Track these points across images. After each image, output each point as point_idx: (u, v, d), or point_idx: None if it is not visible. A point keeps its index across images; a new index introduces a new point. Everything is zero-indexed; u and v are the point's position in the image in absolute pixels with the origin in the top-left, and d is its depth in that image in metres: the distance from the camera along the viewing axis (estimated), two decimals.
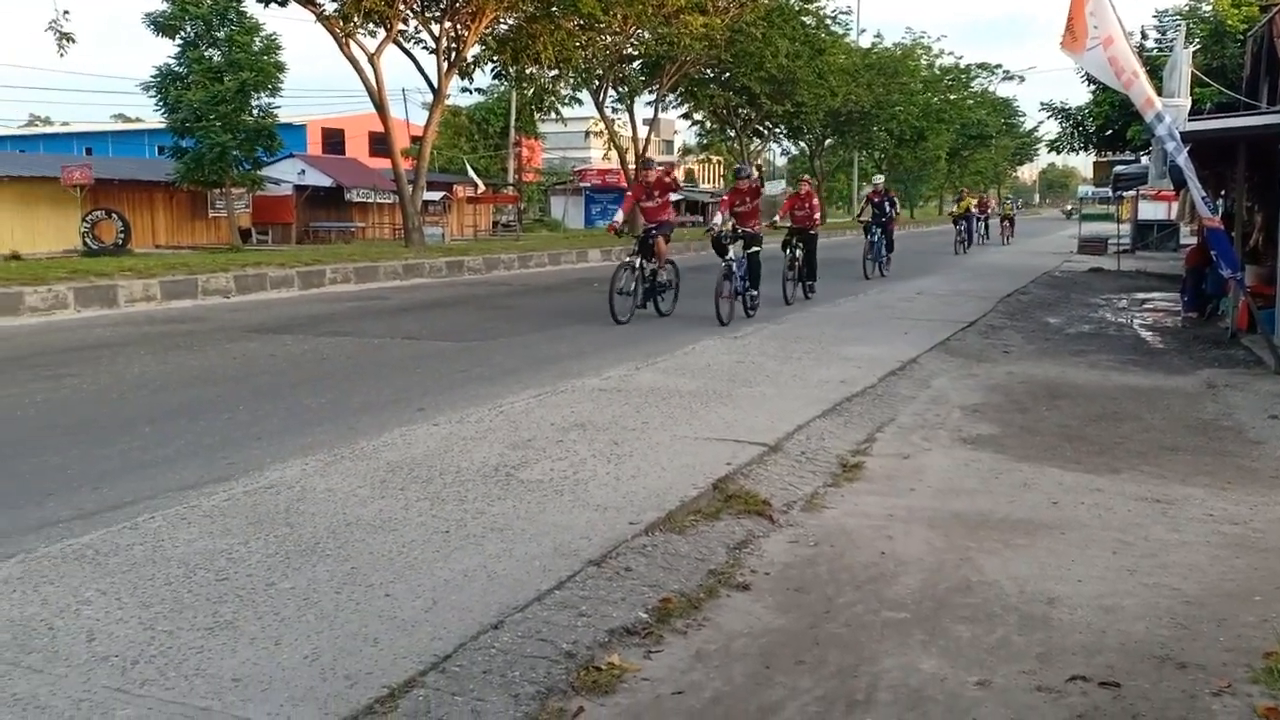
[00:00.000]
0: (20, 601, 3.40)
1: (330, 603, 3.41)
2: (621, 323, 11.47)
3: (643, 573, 3.79)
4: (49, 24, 15.32)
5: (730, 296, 11.89)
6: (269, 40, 29.53)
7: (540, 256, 23.13)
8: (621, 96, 36.80)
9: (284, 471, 5.06)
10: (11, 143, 53.06)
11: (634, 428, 6.07)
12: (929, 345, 10.04)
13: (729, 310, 11.82)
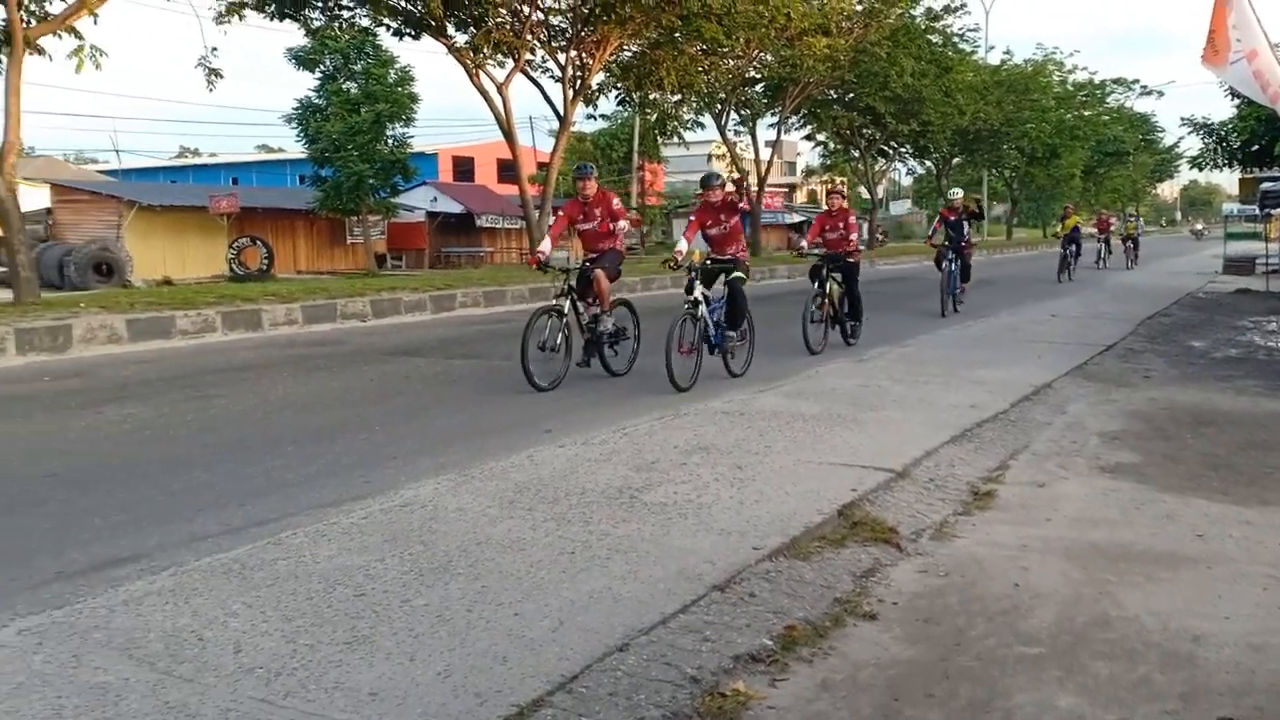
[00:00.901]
0: (173, 613, 3.58)
1: (462, 620, 3.50)
2: (544, 389, 8.51)
3: (767, 599, 3.77)
4: (199, 60, 16.21)
5: (691, 349, 8.79)
6: (403, 72, 30.57)
7: (662, 279, 23.24)
8: (744, 119, 36.86)
9: (418, 490, 5.21)
10: (164, 174, 56.19)
11: (757, 452, 6.05)
12: (1064, 369, 9.72)
13: (691, 370, 8.77)
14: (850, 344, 11.90)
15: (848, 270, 11.96)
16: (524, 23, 22.48)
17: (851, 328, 12.12)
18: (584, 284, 9.14)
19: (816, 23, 25.29)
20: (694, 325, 8.85)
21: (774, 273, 28.32)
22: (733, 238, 9.69)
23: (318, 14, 21.89)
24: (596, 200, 9.33)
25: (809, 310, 11.30)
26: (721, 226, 9.60)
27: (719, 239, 9.67)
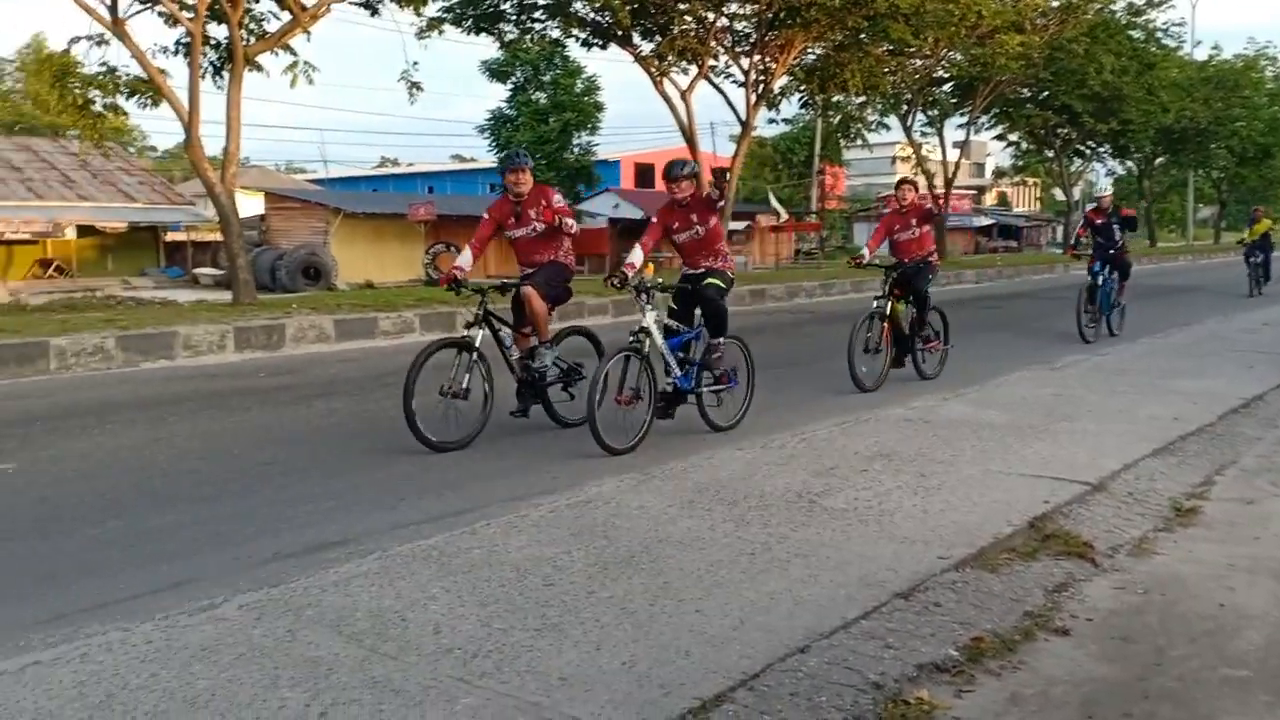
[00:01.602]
0: (378, 594, 3.81)
1: (645, 614, 3.59)
2: (443, 448, 6.51)
3: (953, 609, 3.70)
4: (401, 74, 17.06)
5: (634, 398, 6.62)
6: (589, 82, 31.36)
7: (843, 284, 22.98)
8: (931, 120, 35.92)
9: (600, 487, 5.36)
10: (365, 183, 59.34)
11: (942, 460, 5.92)
12: (1278, 381, 9.06)
13: (637, 427, 6.62)
14: (926, 376, 9.72)
15: (918, 281, 9.64)
16: (708, 29, 22.64)
17: (920, 355, 9.70)
18: (517, 308, 7.20)
19: (1009, 20, 24.40)
20: (638, 365, 6.66)
21: (960, 277, 27.51)
22: (709, 244, 7.33)
23: (511, 27, 22.72)
24: (532, 198, 7.09)
25: (857, 335, 8.99)
26: (693, 230, 7.25)
27: (691, 246, 7.31)
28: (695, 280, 7.24)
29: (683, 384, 6.98)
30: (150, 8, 15.02)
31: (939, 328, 9.92)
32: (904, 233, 9.85)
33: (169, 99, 14.73)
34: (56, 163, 31.98)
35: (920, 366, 9.72)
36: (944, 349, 9.98)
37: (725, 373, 7.24)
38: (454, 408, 6.62)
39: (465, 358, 6.73)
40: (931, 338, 9.84)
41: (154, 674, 3.10)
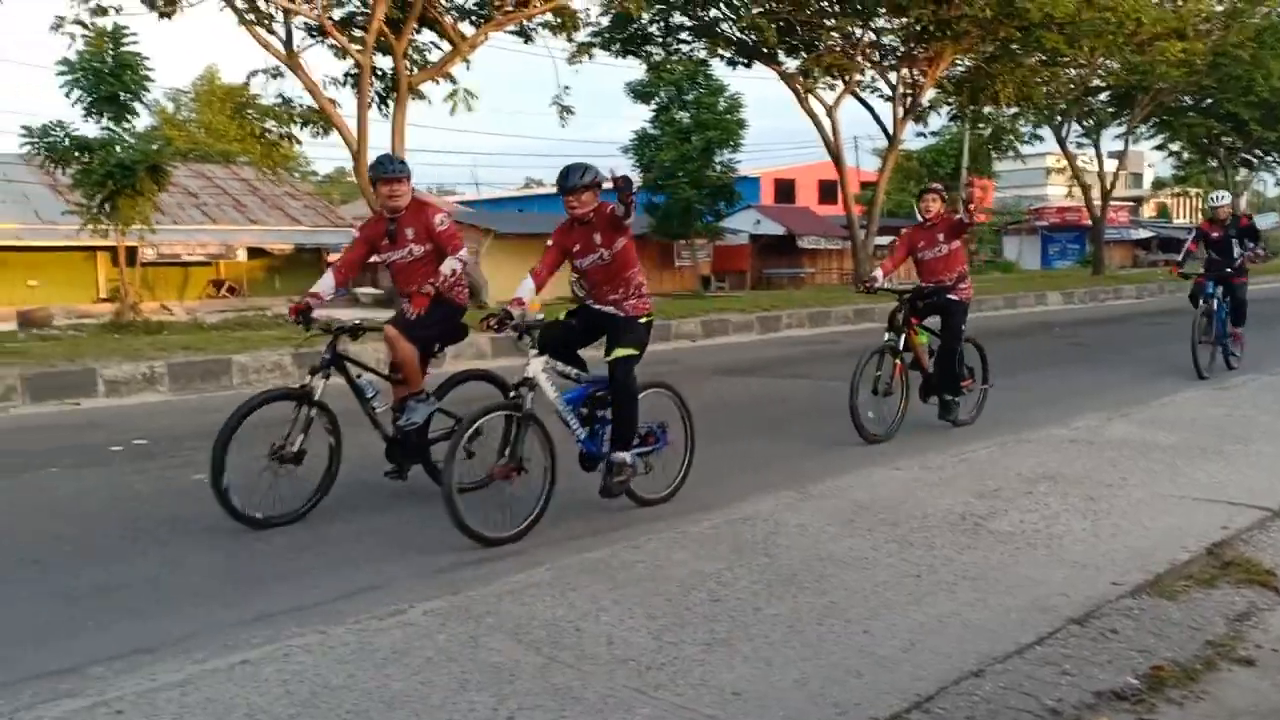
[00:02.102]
0: (552, 604, 3.97)
1: (813, 632, 3.64)
2: (264, 524, 5.36)
3: (1130, 636, 3.63)
4: (552, 100, 17.56)
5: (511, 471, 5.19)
6: (732, 100, 31.47)
7: (994, 299, 22.40)
8: (1086, 130, 34.68)
9: (758, 505, 5.43)
10: (512, 203, 60.88)
11: (1110, 483, 5.77)
12: None
13: (523, 512, 5.17)
14: (959, 422, 8.15)
15: (948, 315, 8.11)
16: (855, 45, 22.51)
17: (947, 403, 8.14)
18: None
19: (1170, 26, 23.42)
20: (521, 427, 5.24)
21: (1120, 293, 26.49)
22: (617, 274, 5.73)
23: (658, 49, 23.11)
24: (411, 216, 5.91)
25: (862, 375, 7.53)
26: (597, 255, 5.69)
27: (595, 275, 5.72)
28: (595, 318, 5.83)
29: (589, 448, 5.62)
30: (321, 41, 15.92)
31: (973, 364, 8.40)
32: (929, 250, 8.23)
33: (339, 127, 15.56)
34: (228, 188, 33.99)
35: (949, 409, 8.14)
36: (982, 389, 8.49)
37: (651, 431, 5.87)
38: (284, 473, 5.45)
39: (303, 412, 5.55)
40: (965, 375, 8.25)
41: (351, 674, 3.32)
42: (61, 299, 27.03)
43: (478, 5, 17.20)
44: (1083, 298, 25.05)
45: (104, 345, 11.83)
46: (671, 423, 6.07)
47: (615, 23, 21.38)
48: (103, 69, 14.78)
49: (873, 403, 7.62)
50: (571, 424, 5.58)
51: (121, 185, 15.85)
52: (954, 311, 8.10)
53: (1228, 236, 11.22)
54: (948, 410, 8.12)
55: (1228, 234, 11.23)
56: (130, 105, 15.44)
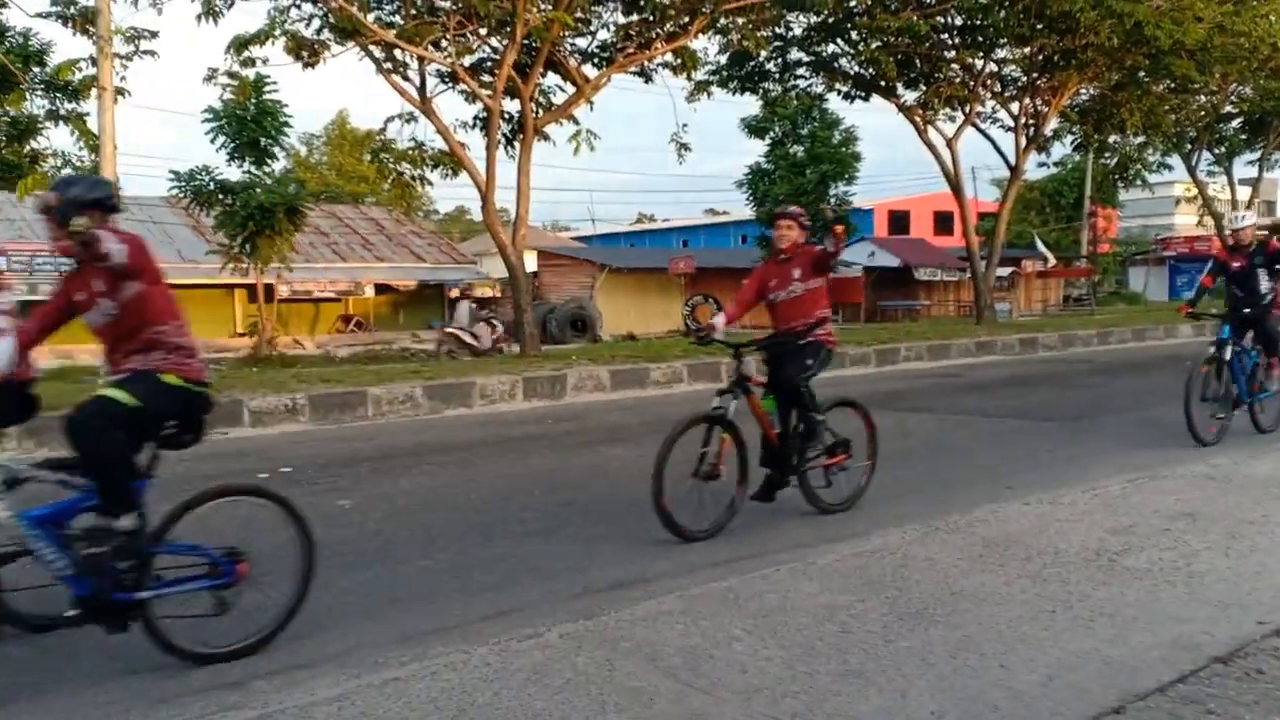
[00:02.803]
0: (683, 631, 4.06)
1: (947, 665, 3.65)
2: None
3: (1277, 676, 3.54)
4: (671, 137, 17.85)
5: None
6: (847, 133, 31.43)
7: (1122, 332, 21.73)
8: (1217, 158, 33.44)
9: (885, 538, 5.43)
10: (624, 239, 61.69)
11: (1253, 521, 5.60)
12: None
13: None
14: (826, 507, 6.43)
15: (793, 363, 6.22)
16: (975, 77, 22.27)
17: (812, 476, 6.35)
18: None
19: None
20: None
21: None
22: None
23: (774, 84, 23.26)
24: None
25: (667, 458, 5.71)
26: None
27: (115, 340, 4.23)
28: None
29: None
30: (453, 87, 16.55)
31: (847, 435, 6.52)
32: (781, 290, 6.33)
33: (468, 169, 16.13)
34: (357, 227, 35.32)
35: (812, 493, 6.36)
36: (865, 467, 6.64)
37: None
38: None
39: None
40: (838, 451, 6.42)
41: (496, 693, 3.47)
42: (201, 334, 27.88)
43: (601, 49, 17.65)
44: (1215, 330, 24.04)
45: (246, 378, 12.45)
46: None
47: (733, 61, 21.61)
48: (245, 116, 15.64)
49: (694, 493, 5.83)
50: None
51: (261, 226, 16.71)
52: (804, 356, 6.21)
53: (1252, 266, 8.87)
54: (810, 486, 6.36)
55: (1252, 263, 8.87)
56: (270, 150, 16.29)
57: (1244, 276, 8.95)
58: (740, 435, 6.04)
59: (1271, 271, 8.87)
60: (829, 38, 21.78)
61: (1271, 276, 8.89)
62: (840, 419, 6.54)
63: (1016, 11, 19.61)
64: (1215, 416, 8.60)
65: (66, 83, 15.32)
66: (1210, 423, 8.55)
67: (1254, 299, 8.88)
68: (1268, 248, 8.97)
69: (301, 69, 15.41)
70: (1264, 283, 8.87)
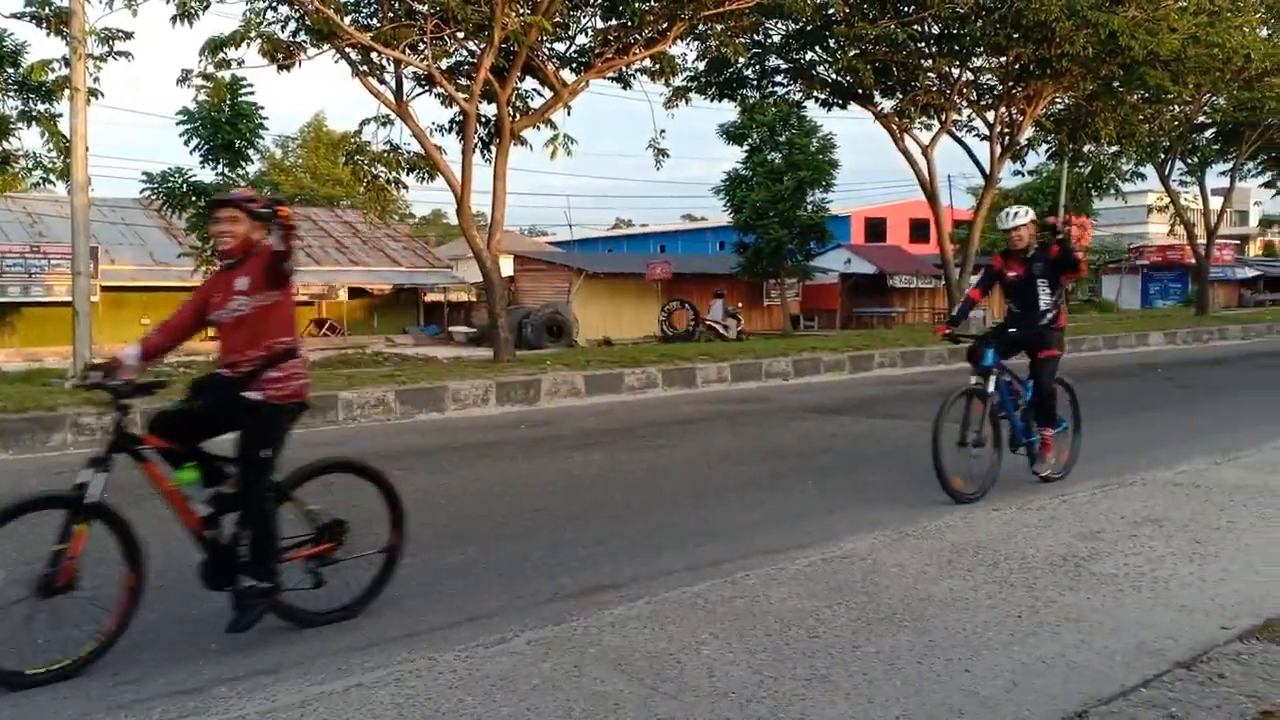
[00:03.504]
0: (652, 637, 4.05)
1: (913, 671, 3.66)
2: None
3: (1238, 681, 3.56)
4: (649, 143, 17.81)
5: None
6: (824, 140, 31.57)
7: (1094, 340, 21.90)
8: (1190, 168, 33.80)
9: (856, 544, 5.44)
10: (602, 244, 61.70)
11: (1218, 527, 5.65)
12: None
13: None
14: None
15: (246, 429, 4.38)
16: (952, 85, 22.42)
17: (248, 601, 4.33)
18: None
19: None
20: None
21: (1225, 333, 25.68)
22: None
23: (752, 91, 23.35)
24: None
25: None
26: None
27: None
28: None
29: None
30: (429, 90, 16.48)
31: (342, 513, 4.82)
32: (222, 309, 4.44)
33: (444, 173, 16.06)
34: (331, 230, 35.15)
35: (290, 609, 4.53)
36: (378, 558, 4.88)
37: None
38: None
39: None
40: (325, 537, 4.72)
41: (461, 699, 3.44)
42: None
43: (579, 53, 17.63)
44: (1186, 338, 24.32)
45: None
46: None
47: (711, 67, 21.64)
48: (220, 118, 15.51)
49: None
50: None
51: None
52: (252, 428, 4.36)
53: (1031, 275, 7.30)
54: None
55: (1030, 271, 7.29)
56: (244, 152, 16.14)
57: (1021, 287, 7.40)
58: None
59: (1054, 282, 7.36)
60: (807, 45, 21.86)
61: (1053, 288, 7.38)
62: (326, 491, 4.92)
63: (993, 21, 19.73)
64: (975, 450, 6.94)
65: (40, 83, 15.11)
66: (970, 472, 6.92)
67: (1031, 315, 7.35)
68: (1049, 253, 7.30)
69: (277, 71, 15.32)
70: (1044, 296, 7.33)
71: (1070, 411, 7.75)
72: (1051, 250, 7.33)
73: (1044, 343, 7.35)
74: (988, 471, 7.04)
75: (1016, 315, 7.48)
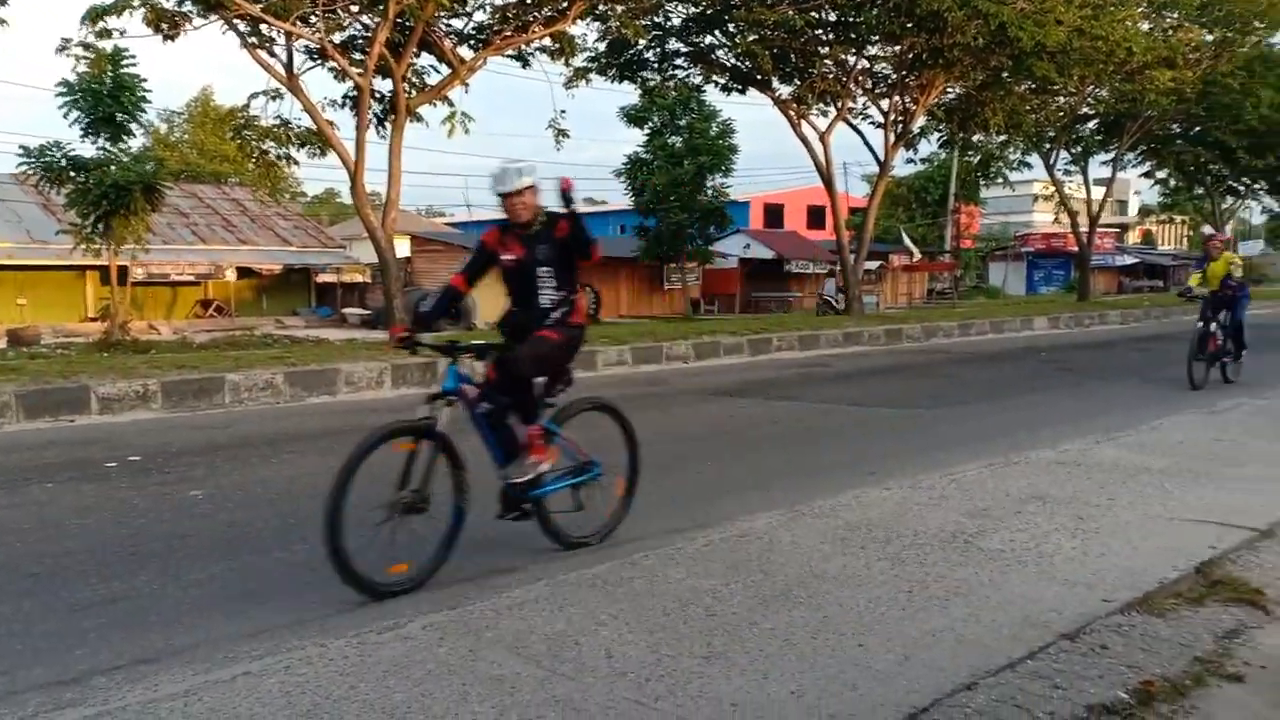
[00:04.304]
0: (550, 619, 4.01)
1: (808, 646, 3.69)
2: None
3: (1120, 652, 3.69)
4: (549, 123, 17.67)
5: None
6: (724, 125, 31.81)
7: (981, 324, 22.57)
8: (1075, 158, 35.05)
9: (753, 523, 5.48)
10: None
11: (1098, 504, 5.85)
12: None
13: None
14: None
15: None
16: (848, 73, 22.77)
17: None
18: None
19: (1160, 55, 23.71)
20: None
21: (1105, 318, 26.75)
22: None
23: (653, 74, 23.36)
24: None
25: None
26: None
27: None
28: None
29: None
30: (322, 64, 16.05)
31: None
32: None
33: (337, 149, 15.67)
34: (219, 208, 34.06)
35: None
36: None
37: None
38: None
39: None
40: None
41: (353, 686, 3.35)
42: (50, 318, 27.01)
43: (477, 30, 17.36)
44: (1068, 323, 25.25)
45: (96, 363, 11.84)
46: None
47: (612, 48, 21.57)
48: (101, 90, 14.88)
49: None
50: None
51: (116, 205, 15.93)
52: None
53: (534, 259, 5.26)
54: None
55: (533, 253, 5.26)
56: (127, 126, 15.54)
57: (520, 274, 5.30)
58: None
59: (565, 270, 5.30)
60: (707, 29, 21.95)
61: (564, 279, 5.30)
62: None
63: (887, 9, 20.09)
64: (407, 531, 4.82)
65: None
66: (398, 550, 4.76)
67: (531, 312, 5.27)
68: (556, 232, 5.24)
69: (162, 42, 14.73)
70: (548, 290, 5.27)
71: (626, 452, 5.71)
72: (559, 229, 5.20)
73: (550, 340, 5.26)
74: (434, 551, 4.82)
75: (514, 312, 5.39)
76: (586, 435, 5.60)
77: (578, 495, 5.44)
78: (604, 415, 5.75)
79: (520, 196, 5.26)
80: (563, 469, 5.40)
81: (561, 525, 5.40)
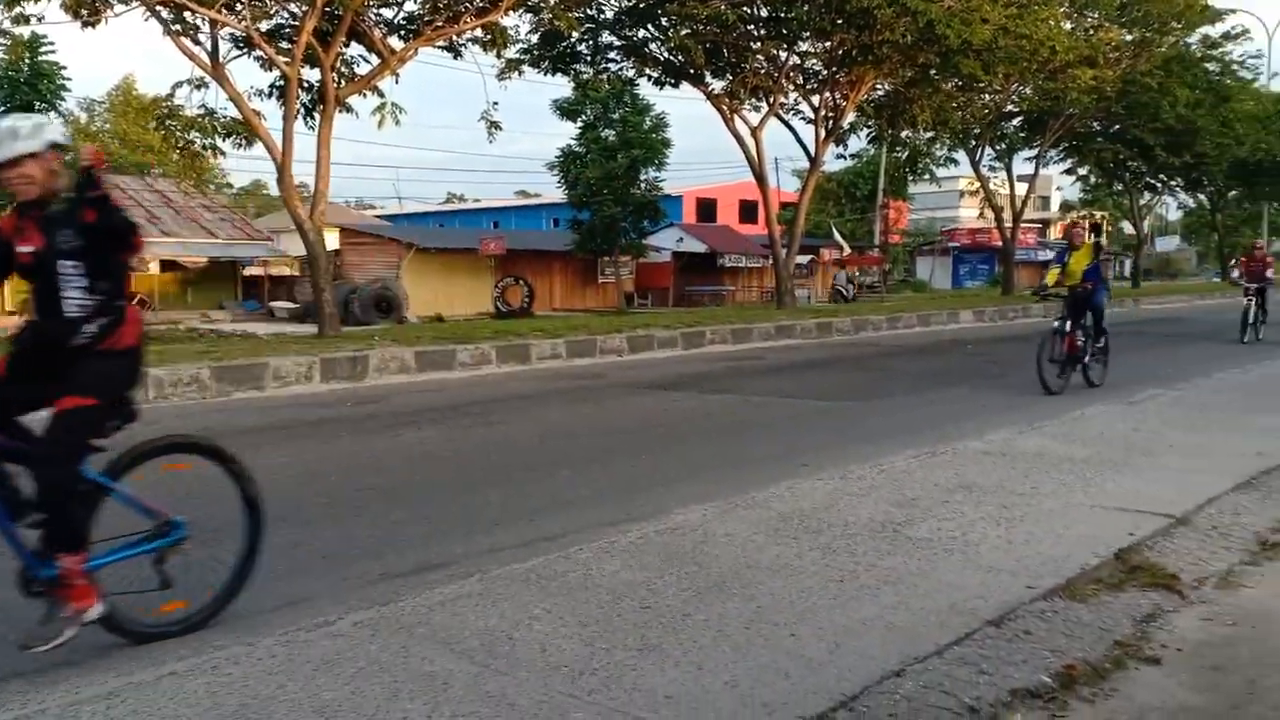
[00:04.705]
0: (483, 614, 3.98)
1: (741, 636, 3.72)
2: None
3: (1043, 637, 3.78)
4: (481, 115, 17.57)
5: None
6: (657, 119, 31.88)
7: (909, 318, 22.94)
8: (999, 154, 35.78)
9: (687, 515, 5.49)
10: (433, 218, 60.53)
11: (1023, 493, 5.98)
12: None
13: None
14: None
15: None
16: (780, 68, 22.95)
17: None
18: None
19: (1082, 54, 24.29)
20: None
21: (1028, 311, 27.32)
22: None
23: (586, 67, 23.31)
24: None
25: None
26: None
27: None
28: None
29: None
30: (248, 53, 15.71)
31: None
32: None
33: (264, 140, 15.37)
34: (142, 199, 33.18)
35: None
36: None
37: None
38: None
39: None
40: None
41: (281, 685, 3.30)
42: None
43: (407, 20, 17.14)
44: (993, 316, 25.76)
45: None
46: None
47: (545, 40, 21.48)
48: (18, 78, 14.44)
49: None
50: None
51: None
52: None
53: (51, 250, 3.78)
54: None
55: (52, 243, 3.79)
56: (45, 115, 15.09)
57: (39, 271, 3.85)
58: None
59: (100, 263, 3.84)
60: (640, 22, 21.98)
61: (98, 277, 3.84)
62: None
63: (818, 6, 20.30)
64: None
65: None
66: None
67: (54, 324, 3.83)
68: (84, 216, 3.74)
69: (81, 28, 14.31)
70: (74, 293, 3.81)
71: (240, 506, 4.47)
72: (87, 214, 3.72)
73: (72, 381, 3.78)
74: None
75: (33, 323, 3.99)
76: None
77: (160, 568, 4.09)
78: (197, 459, 4.41)
79: (19, 167, 3.78)
80: (134, 536, 4.09)
81: (126, 612, 3.97)
